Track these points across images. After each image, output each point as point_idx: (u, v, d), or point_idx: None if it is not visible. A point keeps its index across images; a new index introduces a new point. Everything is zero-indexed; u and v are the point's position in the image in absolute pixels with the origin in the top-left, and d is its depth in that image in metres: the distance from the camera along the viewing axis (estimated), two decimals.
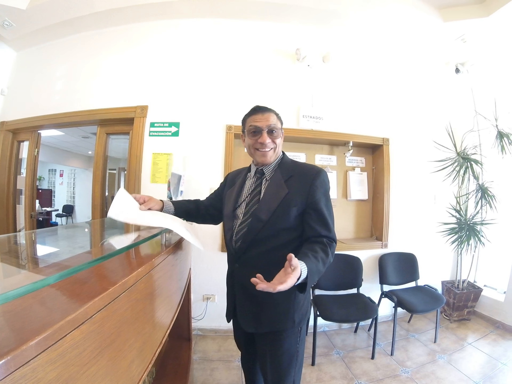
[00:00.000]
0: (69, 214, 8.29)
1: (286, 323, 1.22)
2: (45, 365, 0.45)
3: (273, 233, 1.18)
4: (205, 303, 2.83)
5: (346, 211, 3.31)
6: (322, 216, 1.18)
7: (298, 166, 1.30)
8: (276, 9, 2.84)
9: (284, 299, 1.20)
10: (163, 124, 2.86)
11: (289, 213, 1.17)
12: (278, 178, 1.24)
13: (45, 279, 0.55)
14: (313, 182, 1.19)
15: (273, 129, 1.22)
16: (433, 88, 3.47)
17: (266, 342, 1.27)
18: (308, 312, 1.32)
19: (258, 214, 1.20)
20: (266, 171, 1.29)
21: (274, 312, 1.21)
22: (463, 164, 3.09)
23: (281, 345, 1.24)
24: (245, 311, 1.27)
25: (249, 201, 1.27)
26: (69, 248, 1.22)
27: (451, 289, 3.16)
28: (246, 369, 1.60)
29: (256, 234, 1.18)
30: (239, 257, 1.25)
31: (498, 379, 2.18)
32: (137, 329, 0.83)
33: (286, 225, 1.18)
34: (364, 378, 2.21)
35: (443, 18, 2.95)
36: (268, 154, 1.24)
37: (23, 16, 2.79)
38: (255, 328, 1.25)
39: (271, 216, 1.17)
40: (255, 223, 1.20)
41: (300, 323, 1.25)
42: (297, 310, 1.23)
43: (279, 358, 1.24)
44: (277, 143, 1.25)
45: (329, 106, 3.10)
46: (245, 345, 1.50)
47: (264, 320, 1.22)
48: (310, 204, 1.18)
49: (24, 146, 3.50)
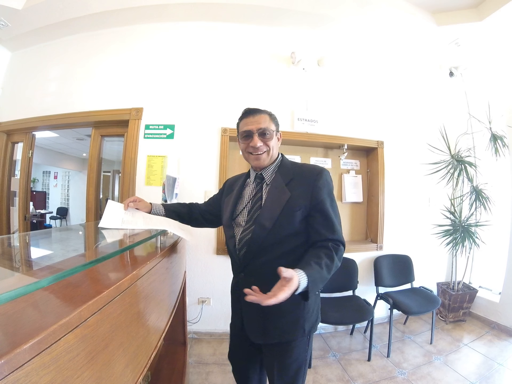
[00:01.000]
0: (63, 216, 8.23)
1: (296, 332, 1.18)
2: (38, 369, 0.45)
3: (278, 240, 1.13)
4: (200, 307, 2.81)
5: (341, 214, 3.21)
6: (328, 218, 1.13)
7: (298, 167, 1.25)
8: (271, 13, 2.85)
9: (293, 308, 1.16)
10: (158, 126, 2.85)
11: (293, 218, 1.12)
12: (279, 182, 1.19)
13: (38, 282, 0.54)
14: (316, 183, 1.14)
15: (265, 132, 1.17)
16: (427, 92, 3.50)
17: (274, 352, 1.23)
18: (318, 319, 1.28)
19: (261, 221, 1.15)
20: (266, 175, 1.25)
21: (283, 322, 1.17)
22: (457, 166, 3.12)
23: (290, 355, 1.20)
24: (253, 323, 1.22)
25: (250, 208, 1.23)
26: (63, 250, 1.20)
27: (447, 290, 3.18)
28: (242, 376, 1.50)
29: (261, 242, 1.14)
30: (244, 266, 1.20)
31: (495, 379, 2.19)
32: (131, 333, 0.82)
33: (291, 230, 1.13)
34: (361, 380, 2.20)
35: (437, 22, 2.98)
36: (262, 157, 1.20)
37: (19, 16, 2.78)
38: (263, 340, 1.22)
39: (275, 222, 1.12)
40: (258, 230, 1.15)
41: (310, 331, 1.21)
42: (307, 319, 1.19)
43: (287, 368, 1.21)
44: (271, 146, 1.20)
45: (324, 109, 3.11)
46: (248, 356, 1.42)
47: (273, 331, 1.18)
48: (314, 206, 1.13)
49: (18, 147, 3.47)
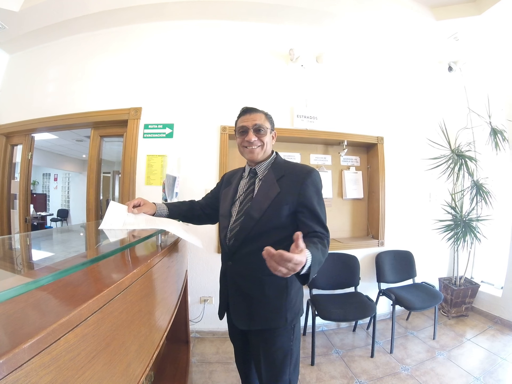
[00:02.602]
0: (64, 218, 8.22)
1: (279, 321, 1.24)
2: (38, 369, 0.44)
3: (264, 231, 1.20)
4: (202, 305, 2.81)
5: (341, 210, 3.31)
6: (315, 213, 1.19)
7: (290, 165, 1.33)
8: (269, 10, 2.83)
9: (276, 297, 1.24)
10: (157, 125, 2.84)
11: (280, 212, 1.19)
12: (271, 178, 1.28)
13: (37, 280, 0.53)
14: (304, 181, 1.21)
15: (260, 128, 1.26)
16: (427, 87, 3.49)
17: (259, 339, 1.28)
18: (300, 310, 1.33)
19: (251, 212, 1.23)
20: (259, 170, 1.34)
21: (266, 309, 1.24)
22: (457, 161, 3.11)
23: (274, 342, 1.25)
24: (238, 309, 1.30)
25: (242, 200, 1.31)
26: (63, 250, 1.20)
27: (449, 285, 3.17)
28: (239, 364, 1.60)
29: (248, 232, 1.21)
30: (232, 255, 1.28)
31: (498, 373, 2.19)
32: (133, 332, 0.81)
33: (278, 223, 1.20)
34: (364, 376, 2.20)
35: (435, 17, 2.97)
36: (255, 151, 1.29)
37: (16, 18, 2.76)
38: (247, 326, 1.28)
39: (263, 214, 1.20)
40: (247, 221, 1.23)
41: (292, 321, 1.27)
42: (289, 309, 1.25)
43: (272, 356, 1.26)
44: (264, 141, 1.29)
45: (323, 106, 3.10)
46: (239, 342, 1.51)
47: (257, 318, 1.25)
48: (301, 202, 1.19)
49: (17, 150, 3.46)
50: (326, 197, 3.20)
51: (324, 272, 2.77)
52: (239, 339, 1.49)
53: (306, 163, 2.88)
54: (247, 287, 1.26)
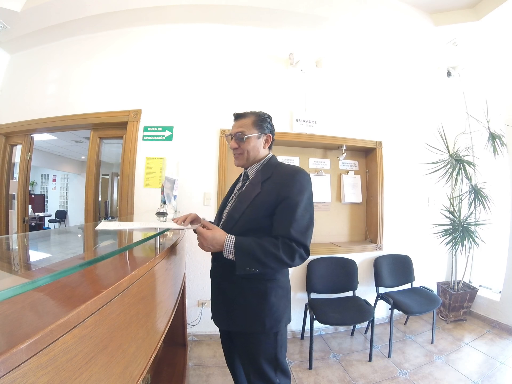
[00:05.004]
0: (62, 219, 8.20)
1: (255, 326, 1.22)
2: (35, 370, 0.44)
3: (243, 232, 1.19)
4: (200, 309, 2.80)
5: (340, 215, 3.31)
6: (286, 215, 1.15)
7: (279, 167, 1.30)
8: (269, 14, 2.85)
9: (254, 302, 1.23)
10: (157, 128, 2.85)
11: (258, 213, 1.19)
12: (257, 179, 1.28)
13: (35, 280, 0.53)
14: (286, 181, 1.18)
15: (240, 136, 1.28)
16: (425, 92, 3.51)
17: (242, 341, 1.29)
18: (284, 318, 1.27)
19: (232, 212, 1.28)
20: (250, 173, 1.36)
21: (244, 313, 1.24)
22: (455, 165, 3.12)
23: (256, 348, 1.24)
24: (219, 308, 1.34)
25: (233, 202, 1.34)
26: (61, 251, 1.20)
27: (447, 290, 3.17)
28: (228, 365, 1.61)
29: (228, 232, 1.19)
30: (216, 255, 1.33)
31: (497, 378, 2.18)
32: (130, 334, 0.81)
33: (255, 225, 1.20)
34: (362, 381, 2.19)
35: (434, 23, 2.99)
36: (238, 157, 1.33)
37: (17, 18, 2.77)
38: (226, 325, 1.32)
39: (241, 214, 1.22)
40: (228, 221, 1.27)
41: (272, 328, 1.22)
42: (268, 315, 1.22)
43: (256, 360, 1.24)
44: (245, 149, 1.29)
45: (323, 110, 3.11)
46: (225, 342, 1.54)
47: (234, 319, 1.26)
48: (280, 202, 1.16)
49: (16, 150, 3.46)
50: (325, 201, 3.21)
51: (322, 276, 2.77)
52: (225, 338, 1.52)
53: (305, 167, 2.89)
54: (226, 287, 1.28)
